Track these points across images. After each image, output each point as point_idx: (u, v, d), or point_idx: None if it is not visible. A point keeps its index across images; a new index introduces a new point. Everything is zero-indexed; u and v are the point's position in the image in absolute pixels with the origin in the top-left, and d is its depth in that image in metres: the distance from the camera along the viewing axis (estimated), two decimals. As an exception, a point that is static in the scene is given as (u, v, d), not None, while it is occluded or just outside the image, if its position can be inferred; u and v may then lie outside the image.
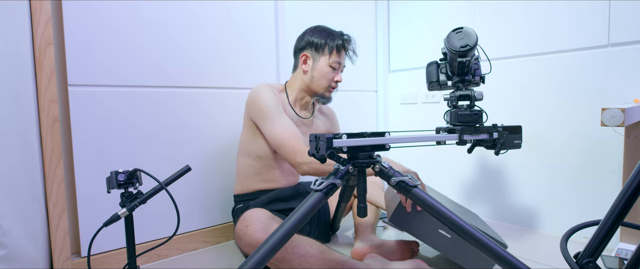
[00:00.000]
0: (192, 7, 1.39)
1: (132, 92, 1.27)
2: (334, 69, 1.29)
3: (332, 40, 1.28)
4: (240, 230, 1.06)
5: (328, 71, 1.28)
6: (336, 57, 1.28)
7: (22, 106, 1.07)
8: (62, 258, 1.15)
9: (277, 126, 1.18)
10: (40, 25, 1.08)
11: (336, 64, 1.28)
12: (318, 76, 1.29)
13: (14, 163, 1.05)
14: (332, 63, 1.28)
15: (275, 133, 1.17)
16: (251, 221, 1.04)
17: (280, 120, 1.19)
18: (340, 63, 1.30)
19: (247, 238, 1.02)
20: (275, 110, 1.20)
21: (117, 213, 0.84)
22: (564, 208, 1.46)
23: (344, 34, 1.32)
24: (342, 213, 1.45)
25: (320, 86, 1.29)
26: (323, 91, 1.30)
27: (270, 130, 1.18)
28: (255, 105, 1.22)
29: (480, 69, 1.07)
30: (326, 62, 1.28)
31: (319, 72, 1.29)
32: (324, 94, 1.31)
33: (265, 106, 1.20)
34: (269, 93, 1.22)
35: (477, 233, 0.84)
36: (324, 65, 1.28)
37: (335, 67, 1.29)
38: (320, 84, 1.29)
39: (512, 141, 1.06)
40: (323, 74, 1.28)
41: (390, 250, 1.22)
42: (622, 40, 1.29)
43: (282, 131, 1.17)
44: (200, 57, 1.42)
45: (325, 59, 1.28)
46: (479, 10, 1.66)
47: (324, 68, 1.28)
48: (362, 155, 0.90)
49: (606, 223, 0.62)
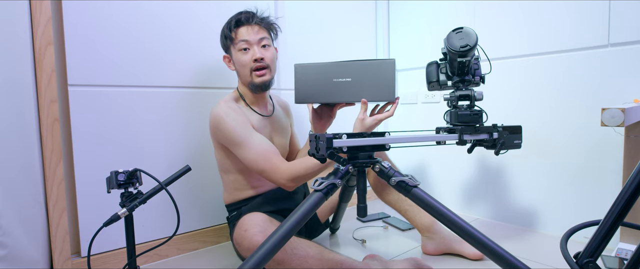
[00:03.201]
0: (193, 7, 1.39)
1: (132, 92, 1.27)
2: (245, 50, 1.18)
3: (228, 25, 1.19)
4: (238, 235, 1.05)
5: (240, 56, 1.18)
6: (238, 37, 1.17)
7: (22, 106, 1.07)
8: (62, 258, 1.15)
9: (251, 151, 1.12)
10: (40, 25, 1.08)
11: (244, 44, 1.17)
12: (239, 68, 1.21)
13: (14, 163, 1.05)
14: (239, 46, 1.17)
15: (251, 158, 1.12)
16: (250, 225, 1.04)
17: (252, 141, 1.13)
18: (248, 40, 1.17)
19: (246, 243, 1.02)
20: (242, 133, 1.13)
21: (117, 213, 0.84)
22: (564, 208, 1.46)
23: (241, 11, 1.20)
24: (342, 212, 1.45)
25: (246, 76, 1.20)
26: (250, 78, 1.19)
27: (246, 156, 1.13)
28: (220, 131, 1.16)
29: (480, 69, 1.07)
30: (236, 50, 1.19)
31: (238, 64, 1.20)
32: (253, 82, 1.19)
33: (231, 132, 1.13)
34: (230, 116, 1.14)
35: (477, 233, 0.84)
36: (235, 54, 1.19)
37: (244, 47, 1.17)
38: (244, 74, 1.20)
39: (512, 141, 1.07)
40: (240, 63, 1.19)
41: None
42: (622, 40, 1.28)
43: (258, 155, 1.11)
44: (201, 57, 1.42)
45: (234, 47, 1.19)
46: (479, 10, 1.66)
47: (237, 57, 1.19)
48: (362, 155, 0.90)
49: (606, 223, 0.62)
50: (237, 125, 1.13)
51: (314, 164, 1.07)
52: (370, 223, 1.70)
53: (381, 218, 1.74)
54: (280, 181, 1.11)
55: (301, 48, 1.73)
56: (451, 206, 1.47)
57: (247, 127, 1.15)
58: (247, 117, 1.19)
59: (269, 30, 1.24)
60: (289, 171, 1.09)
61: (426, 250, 1.32)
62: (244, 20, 1.18)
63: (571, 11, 1.39)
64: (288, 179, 1.09)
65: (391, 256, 1.32)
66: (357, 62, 1.14)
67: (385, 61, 1.13)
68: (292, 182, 1.10)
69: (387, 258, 1.26)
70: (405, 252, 1.35)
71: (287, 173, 1.09)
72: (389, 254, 1.33)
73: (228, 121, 1.13)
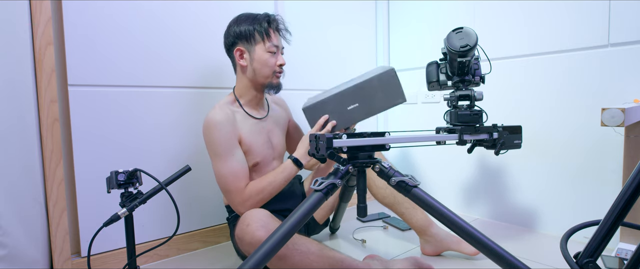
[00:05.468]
0: (194, 7, 1.39)
1: (132, 92, 1.27)
2: (273, 54, 1.20)
3: (260, 25, 1.19)
4: (240, 230, 1.05)
5: (268, 57, 1.19)
6: (271, 40, 1.19)
7: (22, 106, 1.07)
8: (62, 258, 1.15)
9: (225, 167, 1.13)
10: (40, 25, 1.08)
11: (273, 48, 1.20)
12: (259, 67, 1.20)
13: (14, 163, 1.05)
14: (269, 48, 1.19)
15: (222, 174, 1.13)
16: (252, 220, 1.04)
17: (230, 159, 1.13)
18: (278, 46, 1.22)
19: (248, 238, 1.02)
20: (225, 148, 1.13)
21: (117, 213, 0.84)
22: (564, 208, 1.46)
23: (270, 14, 1.23)
24: (342, 212, 1.45)
25: (265, 76, 1.21)
26: (269, 79, 1.21)
27: (219, 170, 1.14)
28: (206, 137, 1.16)
29: (480, 69, 1.07)
30: (263, 49, 1.19)
31: (259, 62, 1.19)
32: (272, 82, 1.22)
33: (214, 143, 1.13)
34: (219, 127, 1.13)
35: (477, 233, 0.84)
36: (261, 54, 1.19)
37: (273, 51, 1.20)
38: (264, 73, 1.20)
39: (512, 141, 1.07)
40: (263, 62, 1.19)
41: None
42: (622, 40, 1.28)
43: (229, 174, 1.13)
44: (201, 57, 1.42)
45: (261, 46, 1.19)
46: (479, 10, 1.66)
47: (262, 56, 1.19)
48: (362, 155, 0.90)
49: (606, 223, 0.62)
50: (223, 138, 1.13)
51: (274, 178, 1.15)
52: (370, 223, 1.70)
53: (381, 218, 1.74)
54: (238, 208, 1.15)
55: (301, 48, 1.73)
56: (451, 206, 1.46)
57: (231, 143, 1.15)
58: (238, 128, 1.18)
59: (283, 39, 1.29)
60: (249, 190, 1.14)
61: (425, 252, 1.32)
62: (278, 26, 1.24)
63: (571, 11, 1.39)
64: (248, 199, 1.14)
65: (391, 256, 1.32)
66: (360, 85, 1.17)
67: (386, 72, 1.17)
68: (250, 204, 1.14)
69: (387, 258, 1.26)
70: (405, 252, 1.35)
71: (247, 194, 1.14)
72: (389, 254, 1.33)
73: (215, 131, 1.13)
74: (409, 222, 1.32)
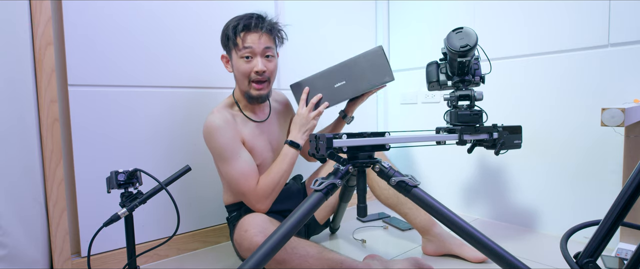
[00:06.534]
0: (194, 7, 1.39)
1: (132, 92, 1.27)
2: (247, 59, 1.11)
3: (233, 28, 1.10)
4: (239, 236, 1.05)
5: (241, 64, 1.11)
6: (244, 43, 1.09)
7: (22, 106, 1.07)
8: (62, 258, 1.15)
9: (234, 170, 1.11)
10: (40, 25, 1.08)
11: (247, 53, 1.10)
12: (238, 75, 1.14)
13: (14, 163, 1.05)
14: (242, 54, 1.10)
15: (232, 176, 1.11)
16: (250, 226, 1.04)
17: (237, 160, 1.11)
18: (253, 49, 1.10)
19: (246, 243, 1.02)
20: (230, 150, 1.10)
21: (117, 213, 0.84)
22: (564, 208, 1.46)
23: (252, 14, 1.12)
24: (342, 212, 1.45)
25: (243, 85, 1.14)
26: (247, 88, 1.14)
27: (228, 173, 1.12)
28: (209, 142, 1.13)
29: (480, 69, 1.07)
30: (237, 56, 1.11)
31: (237, 70, 1.14)
32: (249, 92, 1.14)
33: (219, 147, 1.11)
34: (221, 130, 1.10)
35: (477, 233, 0.84)
36: (236, 61, 1.12)
37: (247, 55, 1.10)
38: (241, 82, 1.14)
39: (512, 141, 1.07)
40: (240, 70, 1.12)
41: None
42: (622, 40, 1.28)
43: (240, 176, 1.11)
44: (201, 57, 1.42)
45: (236, 52, 1.12)
46: (479, 10, 1.66)
47: (237, 64, 1.12)
48: (362, 155, 0.90)
49: (606, 223, 0.62)
50: (226, 141, 1.10)
51: (279, 167, 1.14)
52: (370, 223, 1.70)
53: (381, 218, 1.74)
54: (257, 206, 1.14)
55: (301, 48, 1.73)
56: (451, 206, 1.47)
57: (236, 144, 1.12)
58: (238, 130, 1.16)
59: (275, 38, 1.18)
60: (261, 188, 1.13)
61: (426, 251, 1.32)
62: (253, 26, 1.11)
63: (571, 11, 1.39)
64: (263, 196, 1.13)
65: (391, 256, 1.32)
66: (347, 62, 1.19)
67: (373, 50, 1.18)
68: (267, 200, 1.14)
69: (387, 258, 1.26)
70: (405, 252, 1.35)
71: (260, 192, 1.12)
72: (389, 254, 1.33)
73: (218, 136, 1.10)
74: (412, 222, 1.32)
